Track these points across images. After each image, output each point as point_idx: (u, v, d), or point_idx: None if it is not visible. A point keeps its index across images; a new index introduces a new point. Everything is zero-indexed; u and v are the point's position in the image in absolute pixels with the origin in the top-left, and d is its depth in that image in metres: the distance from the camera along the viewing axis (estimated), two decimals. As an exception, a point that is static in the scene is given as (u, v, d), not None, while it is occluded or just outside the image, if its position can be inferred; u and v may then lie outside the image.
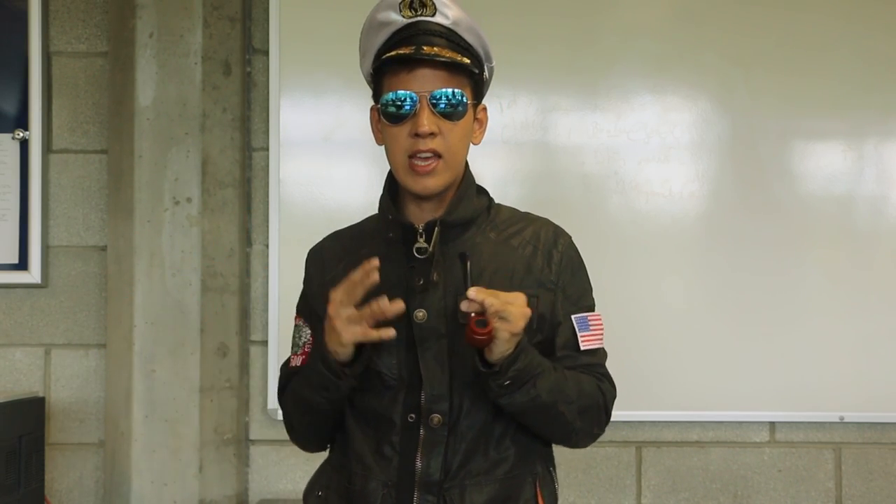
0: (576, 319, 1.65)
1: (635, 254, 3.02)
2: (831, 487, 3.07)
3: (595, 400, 1.64)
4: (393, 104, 1.58)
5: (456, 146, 1.60)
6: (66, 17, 3.12)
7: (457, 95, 1.58)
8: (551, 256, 1.66)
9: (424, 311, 1.59)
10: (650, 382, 2.99)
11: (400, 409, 1.60)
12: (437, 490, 1.58)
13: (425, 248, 1.60)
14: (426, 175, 1.59)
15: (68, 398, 3.08)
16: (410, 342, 1.60)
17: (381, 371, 1.61)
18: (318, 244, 1.78)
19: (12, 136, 3.06)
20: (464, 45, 1.60)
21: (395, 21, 1.59)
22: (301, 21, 3.03)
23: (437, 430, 1.58)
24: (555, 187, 3.01)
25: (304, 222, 3.00)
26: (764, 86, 3.03)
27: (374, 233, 1.70)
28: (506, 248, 1.66)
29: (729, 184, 3.03)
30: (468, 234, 1.65)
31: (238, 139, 3.00)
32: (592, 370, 1.66)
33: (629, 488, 3.07)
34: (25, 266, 3.05)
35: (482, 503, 1.59)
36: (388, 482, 1.59)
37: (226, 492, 2.96)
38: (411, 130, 1.57)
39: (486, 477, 1.60)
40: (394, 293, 1.58)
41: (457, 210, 1.64)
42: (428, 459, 1.58)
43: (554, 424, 1.61)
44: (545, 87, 3.04)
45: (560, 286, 1.66)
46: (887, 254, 3.03)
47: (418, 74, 1.57)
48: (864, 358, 3.00)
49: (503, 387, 1.51)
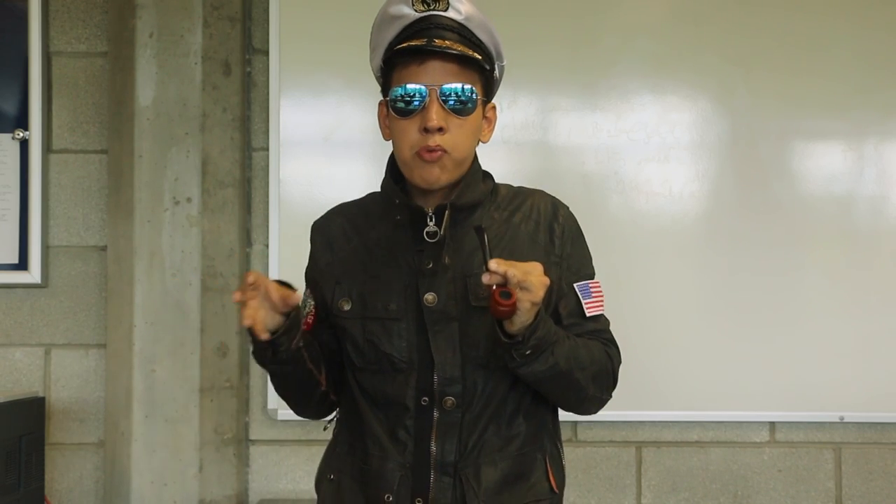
0: (578, 287, 1.66)
1: (635, 254, 3.02)
2: (831, 487, 3.07)
3: (604, 365, 1.66)
4: (402, 97, 1.58)
5: (464, 143, 1.61)
6: (66, 17, 3.12)
7: (466, 91, 1.58)
8: (553, 230, 1.68)
9: (434, 294, 1.60)
10: (650, 382, 2.99)
11: (412, 393, 1.60)
12: (453, 470, 1.59)
13: (436, 232, 1.61)
14: (433, 163, 1.58)
15: (68, 398, 3.08)
16: (420, 325, 1.60)
17: (391, 354, 1.61)
18: (323, 218, 1.78)
19: (12, 136, 3.06)
20: (475, 40, 1.61)
21: (407, 15, 1.59)
22: (301, 21, 3.03)
23: (450, 412, 1.59)
24: (555, 187, 2.94)
25: (304, 222, 2.92)
26: (764, 86, 3.03)
27: (382, 214, 1.70)
28: (510, 227, 1.67)
29: (729, 184, 3.03)
30: (475, 216, 1.66)
31: (238, 139, 3.00)
32: (598, 335, 1.68)
33: (629, 488, 3.07)
34: (25, 266, 3.05)
35: (496, 480, 1.60)
36: (405, 464, 1.60)
37: (226, 492, 2.96)
38: (420, 125, 1.57)
39: (500, 454, 1.62)
40: (402, 276, 1.61)
41: (466, 194, 1.64)
42: (443, 442, 1.59)
43: (569, 391, 1.62)
44: (545, 87, 3.04)
45: (564, 257, 1.67)
46: (887, 254, 3.03)
47: (429, 67, 1.57)
48: (864, 358, 3.00)
49: (524, 356, 1.52)
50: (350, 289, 1.66)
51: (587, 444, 3.06)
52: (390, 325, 1.60)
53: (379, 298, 1.63)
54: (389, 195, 1.68)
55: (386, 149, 1.69)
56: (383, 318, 1.62)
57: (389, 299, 1.62)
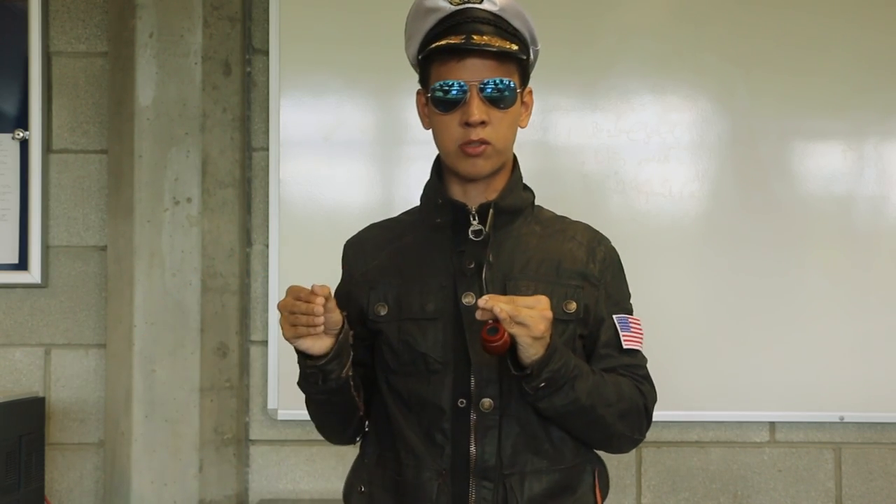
0: (617, 319, 1.66)
1: (635, 254, 2.97)
2: (831, 487, 3.07)
3: (635, 403, 1.63)
4: (444, 92, 1.58)
5: (505, 133, 1.61)
6: (66, 17, 3.12)
7: (506, 83, 1.59)
8: (594, 253, 1.68)
9: (473, 296, 1.58)
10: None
11: (448, 395, 1.58)
12: (495, 476, 1.56)
13: (481, 230, 1.61)
14: (477, 157, 1.59)
15: (68, 398, 3.08)
16: (458, 326, 1.58)
17: (426, 354, 1.59)
18: (356, 236, 1.77)
19: (12, 136, 3.06)
20: (511, 30, 1.61)
21: (442, 7, 1.59)
22: (301, 21, 3.03)
23: (488, 414, 1.57)
24: (555, 187, 3.00)
25: (304, 222, 3.00)
26: (764, 86, 3.03)
27: (416, 223, 1.70)
28: (550, 241, 1.67)
29: (729, 184, 3.03)
30: (516, 223, 1.66)
31: (238, 139, 3.00)
32: (633, 371, 1.66)
33: (629, 488, 3.07)
34: (25, 266, 3.05)
35: (541, 492, 1.58)
36: (442, 470, 1.57)
37: (226, 492, 2.96)
38: (461, 119, 1.58)
39: (549, 464, 1.59)
40: (439, 277, 1.60)
41: (509, 197, 1.64)
42: (482, 445, 1.56)
43: (594, 428, 1.60)
44: (545, 87, 3.03)
45: (603, 283, 1.66)
46: (887, 254, 3.03)
47: (468, 64, 1.57)
48: (864, 358, 3.00)
49: (539, 389, 1.50)
50: (386, 293, 1.64)
51: (587, 444, 3.06)
52: (426, 326, 1.59)
53: (415, 300, 1.61)
54: (431, 196, 1.67)
55: (386, 149, 1.69)
56: (419, 318, 1.60)
57: (426, 300, 1.60)
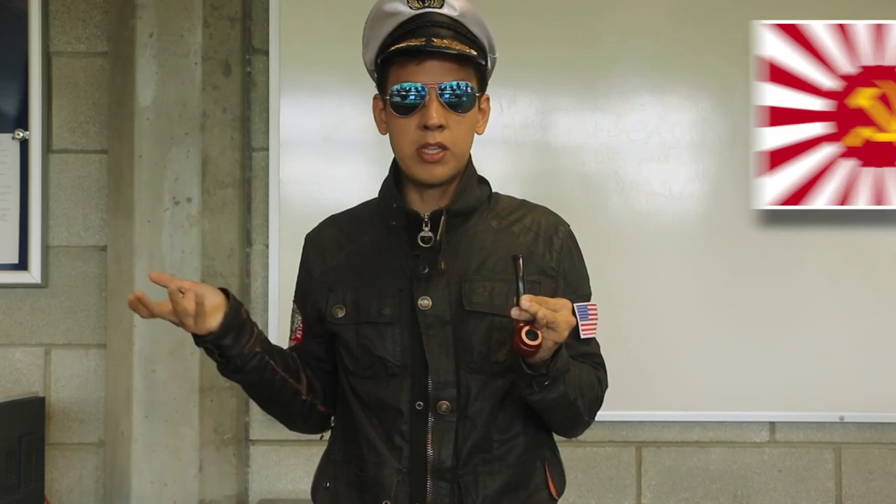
0: (577, 309, 1.64)
1: (635, 254, 3.02)
2: (831, 487, 3.07)
3: (595, 391, 1.66)
4: (402, 96, 1.59)
5: (463, 138, 1.62)
6: (66, 17, 3.12)
7: (465, 88, 1.59)
8: (552, 243, 1.68)
9: (429, 299, 1.60)
10: (650, 382, 2.99)
11: (406, 398, 1.61)
12: (450, 476, 1.59)
13: (430, 237, 1.61)
14: (434, 164, 1.59)
15: (68, 398, 3.08)
16: (414, 330, 1.61)
17: (384, 358, 1.61)
18: (315, 230, 1.79)
19: (12, 136, 3.06)
20: (470, 36, 1.61)
21: (402, 12, 1.59)
22: (301, 21, 3.03)
23: (445, 416, 1.59)
24: (555, 187, 3.00)
25: (304, 222, 2.94)
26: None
27: (374, 220, 1.71)
28: (507, 236, 1.67)
29: (729, 184, 3.03)
30: (470, 222, 1.67)
31: (238, 139, 3.00)
32: (590, 359, 1.68)
33: (629, 488, 3.07)
34: (25, 266, 3.05)
35: (495, 489, 1.61)
36: (402, 469, 1.60)
37: (226, 492, 2.96)
38: (420, 122, 1.58)
39: (500, 463, 1.62)
40: (396, 281, 1.62)
41: (461, 199, 1.65)
42: (439, 447, 1.59)
43: (570, 417, 1.62)
44: (545, 87, 3.04)
45: (560, 273, 1.67)
46: (887, 254, 3.03)
47: (427, 66, 1.58)
48: (864, 358, 3.00)
49: (543, 386, 1.52)
50: (344, 295, 1.66)
51: (587, 444, 3.05)
52: (384, 330, 1.61)
53: (373, 303, 1.63)
54: (387, 199, 1.68)
55: (386, 149, 1.69)
56: (377, 322, 1.62)
57: (383, 304, 1.62)
